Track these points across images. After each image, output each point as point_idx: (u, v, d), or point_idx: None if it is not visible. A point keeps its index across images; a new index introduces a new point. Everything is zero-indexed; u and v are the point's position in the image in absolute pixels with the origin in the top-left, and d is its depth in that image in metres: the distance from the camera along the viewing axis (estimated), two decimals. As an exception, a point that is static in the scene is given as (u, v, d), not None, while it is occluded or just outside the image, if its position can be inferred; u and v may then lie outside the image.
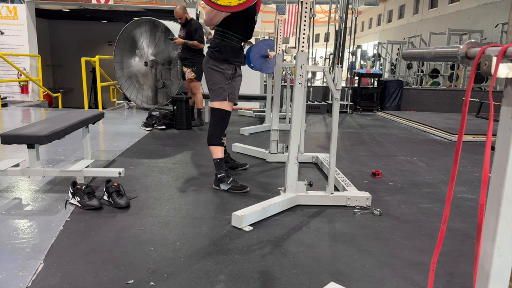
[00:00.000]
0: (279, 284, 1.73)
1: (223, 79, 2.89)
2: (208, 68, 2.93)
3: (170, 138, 4.89)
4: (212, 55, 2.89)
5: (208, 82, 2.98)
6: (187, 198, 2.79)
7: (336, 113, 2.66)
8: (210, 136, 2.96)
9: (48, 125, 2.89)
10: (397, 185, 3.25)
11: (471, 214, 2.65)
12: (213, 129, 2.95)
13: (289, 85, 5.96)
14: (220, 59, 2.87)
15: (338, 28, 7.24)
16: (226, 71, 2.89)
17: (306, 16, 2.58)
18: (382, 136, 5.64)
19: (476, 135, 5.47)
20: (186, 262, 1.89)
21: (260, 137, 5.14)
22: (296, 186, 2.66)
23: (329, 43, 9.39)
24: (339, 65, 2.71)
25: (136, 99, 7.52)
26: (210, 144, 2.96)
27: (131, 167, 3.49)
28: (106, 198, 2.61)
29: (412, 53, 1.05)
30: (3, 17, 8.29)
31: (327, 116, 7.71)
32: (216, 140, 2.94)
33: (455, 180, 0.88)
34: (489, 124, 0.81)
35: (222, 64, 2.88)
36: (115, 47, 7.28)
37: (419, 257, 2.03)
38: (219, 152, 2.95)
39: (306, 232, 2.27)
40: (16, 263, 1.83)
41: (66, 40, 11.63)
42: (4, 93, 8.42)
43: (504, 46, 0.73)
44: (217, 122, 2.95)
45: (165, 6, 11.00)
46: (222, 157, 2.98)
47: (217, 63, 2.88)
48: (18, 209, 2.50)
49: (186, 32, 5.48)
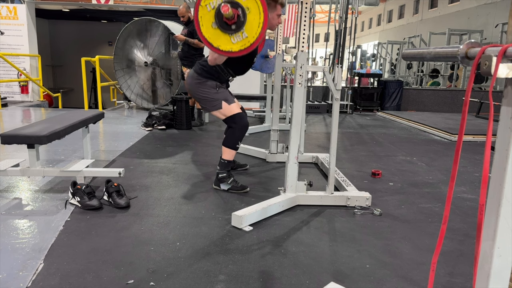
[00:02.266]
0: (279, 284, 1.73)
1: (210, 90, 2.89)
2: (193, 84, 2.92)
3: (170, 138, 4.89)
4: (198, 70, 2.90)
5: (196, 98, 2.98)
6: (187, 198, 2.79)
7: (336, 113, 2.66)
8: (227, 138, 2.94)
9: (48, 125, 2.89)
10: (397, 185, 3.26)
11: (471, 214, 2.65)
12: (231, 134, 2.92)
13: (289, 85, 5.97)
14: (205, 77, 2.88)
15: (338, 28, 7.23)
16: (212, 83, 2.89)
17: (306, 16, 2.58)
18: (382, 136, 5.64)
19: (476, 135, 5.47)
20: (186, 262, 1.89)
21: (260, 137, 5.14)
22: (296, 186, 2.66)
23: (329, 43, 9.39)
24: (339, 65, 2.71)
25: (136, 99, 7.52)
26: (224, 145, 2.94)
27: (131, 167, 3.49)
28: (106, 198, 2.61)
29: (412, 53, 1.05)
30: (3, 17, 8.29)
31: (327, 116, 7.71)
32: (232, 144, 2.92)
33: (455, 180, 0.88)
34: (489, 124, 0.81)
35: (207, 80, 2.89)
36: (115, 47, 7.28)
37: (419, 257, 2.03)
38: (230, 154, 2.94)
39: (306, 232, 2.27)
40: (16, 263, 1.83)
41: (66, 40, 11.63)
42: (4, 93, 8.42)
43: (504, 46, 0.73)
44: (233, 129, 2.91)
45: (165, 6, 11.01)
46: (231, 160, 2.97)
47: (201, 77, 2.89)
48: (18, 209, 2.50)
49: (188, 31, 5.53)
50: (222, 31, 2.50)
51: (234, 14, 2.43)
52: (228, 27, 2.48)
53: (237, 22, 2.48)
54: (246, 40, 2.53)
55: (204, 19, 2.50)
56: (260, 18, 2.50)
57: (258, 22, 2.50)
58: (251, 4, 2.47)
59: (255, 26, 2.50)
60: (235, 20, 2.46)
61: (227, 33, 2.51)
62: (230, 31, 2.51)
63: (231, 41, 2.54)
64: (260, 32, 2.51)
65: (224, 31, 2.50)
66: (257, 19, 2.50)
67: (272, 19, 2.85)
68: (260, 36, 2.53)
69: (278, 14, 2.89)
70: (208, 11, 2.48)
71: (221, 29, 2.50)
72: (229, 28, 2.49)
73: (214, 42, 2.53)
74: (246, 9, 2.48)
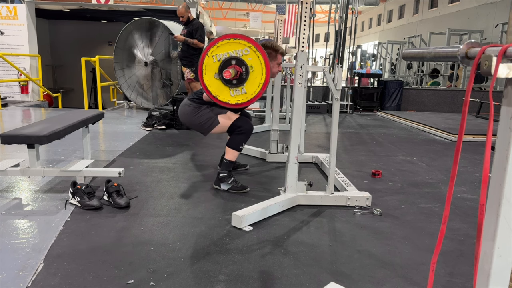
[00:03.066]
0: (279, 284, 1.73)
1: (204, 111, 2.92)
2: (188, 111, 2.96)
3: (170, 138, 4.89)
4: (193, 102, 2.95)
5: (193, 126, 3.01)
6: (187, 198, 2.79)
7: (336, 113, 2.66)
8: (232, 139, 2.95)
9: (48, 125, 2.89)
10: (397, 185, 3.25)
11: (471, 214, 2.65)
12: (236, 136, 2.93)
13: (289, 85, 5.97)
14: (200, 103, 2.93)
15: (338, 28, 7.23)
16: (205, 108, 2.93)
17: (306, 16, 2.58)
18: (382, 136, 5.64)
19: (476, 135, 5.47)
20: (186, 262, 1.89)
21: (260, 137, 5.14)
22: (296, 186, 2.66)
23: (329, 43, 9.39)
24: (339, 65, 2.70)
25: (136, 99, 7.52)
26: (228, 145, 2.95)
27: (131, 167, 3.49)
28: (106, 198, 2.61)
29: (412, 53, 1.05)
30: (3, 17, 8.28)
31: (327, 116, 7.71)
32: (236, 146, 2.93)
33: (455, 180, 0.88)
34: (489, 124, 0.81)
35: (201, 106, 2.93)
36: (115, 47, 7.28)
37: (419, 257, 2.03)
38: (233, 155, 2.95)
39: (306, 232, 2.27)
40: (16, 263, 1.83)
41: (66, 40, 11.62)
42: (4, 93, 8.42)
43: (504, 46, 0.73)
44: (237, 132, 2.92)
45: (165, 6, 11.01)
46: (233, 161, 2.98)
47: (195, 103, 2.94)
48: (18, 209, 2.50)
49: (188, 31, 5.54)
50: (223, 83, 2.64)
51: (237, 72, 2.56)
52: (229, 81, 2.62)
53: (239, 79, 2.62)
54: (245, 96, 2.67)
55: (208, 68, 2.62)
56: (261, 78, 2.64)
57: (259, 82, 2.64)
58: (256, 64, 2.60)
59: (256, 85, 2.63)
60: (237, 77, 2.59)
61: (228, 86, 2.65)
62: (230, 85, 2.65)
63: (230, 94, 2.67)
64: (259, 91, 2.65)
65: (225, 84, 2.64)
66: (259, 79, 2.64)
67: (273, 67, 2.92)
68: (259, 95, 2.67)
69: (278, 63, 2.97)
70: (213, 62, 2.64)
71: (222, 81, 2.63)
72: (230, 82, 2.63)
73: (213, 91, 2.67)
74: (250, 67, 2.62)
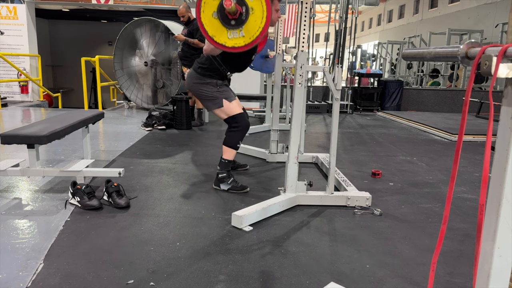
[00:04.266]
0: (279, 284, 1.73)
1: (211, 88, 2.87)
2: (193, 84, 2.91)
3: (170, 138, 4.89)
4: (197, 69, 2.89)
5: (197, 96, 2.96)
6: (187, 198, 2.79)
7: (336, 113, 2.66)
8: (228, 138, 2.93)
9: (48, 125, 2.89)
10: (397, 185, 3.25)
11: (471, 214, 2.65)
12: (231, 134, 2.91)
13: (289, 85, 5.96)
14: (205, 75, 2.87)
15: (338, 28, 7.23)
16: (212, 81, 2.87)
17: (306, 16, 2.58)
18: (382, 136, 5.64)
19: (476, 135, 5.47)
20: (186, 262, 1.89)
21: (260, 137, 5.14)
22: (296, 186, 2.66)
23: (329, 43, 9.39)
24: (339, 65, 2.70)
25: (136, 99, 7.52)
26: (225, 144, 2.94)
27: (131, 167, 3.49)
28: (106, 198, 2.61)
29: (412, 53, 1.05)
30: (3, 17, 8.28)
31: (327, 116, 7.71)
32: (233, 144, 2.91)
33: (455, 180, 0.88)
34: (489, 124, 0.81)
35: (206, 78, 2.87)
36: (115, 47, 7.28)
37: (419, 257, 2.03)
38: (231, 154, 2.94)
39: (306, 232, 2.27)
40: (16, 263, 1.83)
41: (66, 40, 11.63)
42: (4, 93, 8.42)
43: (504, 46, 0.73)
44: (235, 129, 2.90)
45: (165, 6, 11.01)
46: (231, 160, 2.97)
47: (201, 76, 2.87)
48: (18, 209, 2.49)
49: (188, 31, 5.53)
50: (221, 23, 2.46)
51: (237, 10, 2.39)
52: (228, 20, 2.45)
53: (238, 19, 2.44)
54: (242, 39, 2.50)
55: (207, 5, 2.45)
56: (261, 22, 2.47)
57: (258, 25, 2.48)
58: (257, 6, 2.44)
59: (255, 29, 2.48)
60: (237, 16, 2.42)
61: (225, 26, 2.47)
62: (228, 26, 2.47)
63: (226, 36, 2.50)
64: (258, 35, 2.48)
65: (223, 24, 2.47)
66: (259, 22, 2.48)
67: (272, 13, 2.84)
68: (257, 39, 2.50)
69: (276, 9, 2.86)
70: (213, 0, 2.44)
71: (220, 20, 2.46)
72: (229, 23, 2.46)
73: (209, 31, 2.49)
74: (251, 9, 2.45)
